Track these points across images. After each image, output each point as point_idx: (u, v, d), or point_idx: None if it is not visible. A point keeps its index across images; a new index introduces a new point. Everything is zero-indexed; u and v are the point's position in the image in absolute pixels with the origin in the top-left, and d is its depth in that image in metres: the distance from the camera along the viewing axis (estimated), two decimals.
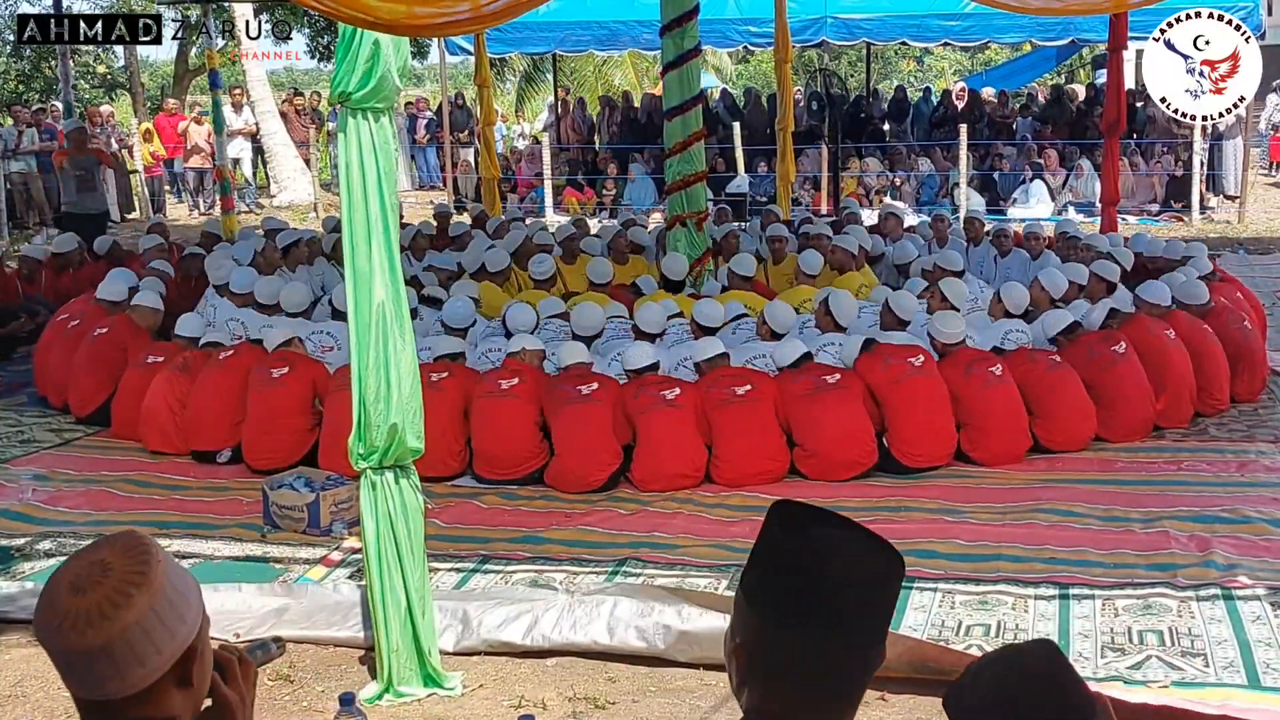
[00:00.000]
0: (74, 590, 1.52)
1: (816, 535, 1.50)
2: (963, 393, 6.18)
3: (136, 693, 1.52)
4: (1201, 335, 6.93)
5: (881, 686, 3.96)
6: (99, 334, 7.37)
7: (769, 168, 15.40)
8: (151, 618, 1.51)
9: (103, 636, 1.49)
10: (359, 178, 3.82)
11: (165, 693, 1.54)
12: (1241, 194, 15.49)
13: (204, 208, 17.48)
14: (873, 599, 1.51)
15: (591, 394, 6.04)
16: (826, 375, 6.12)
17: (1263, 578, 4.67)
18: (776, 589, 1.50)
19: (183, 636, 1.55)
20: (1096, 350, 6.54)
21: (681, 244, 8.63)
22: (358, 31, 3.73)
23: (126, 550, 1.55)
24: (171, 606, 1.54)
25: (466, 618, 4.39)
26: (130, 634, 1.50)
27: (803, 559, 1.49)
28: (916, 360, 6.19)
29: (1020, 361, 6.41)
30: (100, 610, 1.49)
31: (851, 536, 1.52)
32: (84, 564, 1.54)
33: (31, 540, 5.39)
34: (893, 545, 1.54)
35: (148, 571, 1.53)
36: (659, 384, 6.10)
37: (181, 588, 1.57)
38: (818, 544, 1.49)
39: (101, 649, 1.49)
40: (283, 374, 6.40)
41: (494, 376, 6.24)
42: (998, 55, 30.05)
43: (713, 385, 6.10)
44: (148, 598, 1.51)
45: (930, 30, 16.42)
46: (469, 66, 17.87)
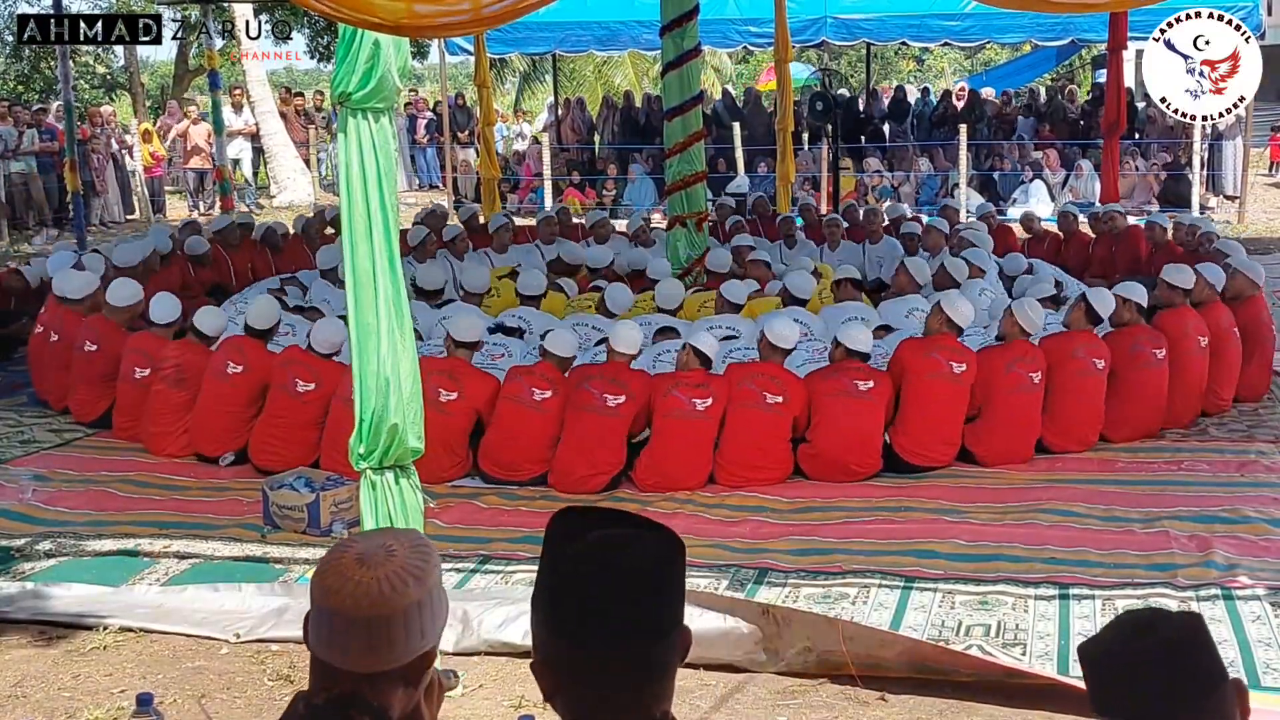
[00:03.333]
0: (360, 563, 1.63)
1: (591, 540, 1.52)
2: (994, 390, 6.11)
3: (373, 674, 1.62)
4: (1227, 337, 6.86)
5: (881, 686, 3.96)
6: (89, 350, 7.14)
7: (769, 168, 15.40)
8: (417, 610, 1.63)
9: (374, 610, 1.61)
10: (359, 178, 3.81)
11: (393, 685, 1.64)
12: (1241, 194, 15.49)
13: (204, 208, 17.48)
14: (658, 588, 1.51)
15: (617, 408, 5.89)
16: (860, 380, 5.99)
17: (1263, 578, 4.67)
18: (558, 601, 1.51)
19: (430, 639, 1.67)
20: (1141, 346, 6.47)
21: (681, 244, 8.63)
22: (358, 31, 3.73)
23: (413, 544, 1.69)
24: (433, 609, 1.67)
25: (466, 618, 4.38)
26: (395, 619, 1.61)
27: (581, 567, 1.51)
28: (959, 368, 6.08)
29: (1061, 356, 6.27)
30: (379, 588, 1.61)
31: (624, 533, 1.53)
32: (373, 544, 1.67)
33: (31, 540, 5.39)
34: (666, 528, 1.55)
35: (427, 566, 1.66)
36: (695, 388, 5.86)
37: (444, 599, 1.70)
38: (595, 553, 1.51)
39: (368, 622, 1.60)
40: (309, 390, 6.20)
41: (528, 382, 6.05)
42: (998, 55, 30.09)
43: (747, 381, 5.94)
44: (421, 591, 1.64)
45: (930, 30, 16.42)
46: (469, 66, 17.87)
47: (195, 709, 4.02)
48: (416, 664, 1.65)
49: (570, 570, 1.52)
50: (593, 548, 1.51)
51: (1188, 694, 1.59)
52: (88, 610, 4.66)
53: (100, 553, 5.26)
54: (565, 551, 1.53)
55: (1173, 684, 1.58)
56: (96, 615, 4.62)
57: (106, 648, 4.45)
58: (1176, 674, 1.59)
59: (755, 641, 4.10)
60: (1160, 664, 1.59)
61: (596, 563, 1.50)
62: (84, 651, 4.43)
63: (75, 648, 4.47)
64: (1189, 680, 1.60)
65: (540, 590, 1.55)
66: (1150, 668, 1.59)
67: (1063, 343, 6.42)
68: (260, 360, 6.48)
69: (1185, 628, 1.64)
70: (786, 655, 4.08)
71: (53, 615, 4.67)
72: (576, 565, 1.51)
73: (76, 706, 4.05)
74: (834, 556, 5.04)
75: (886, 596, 4.66)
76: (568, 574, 1.52)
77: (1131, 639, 1.63)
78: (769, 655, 4.10)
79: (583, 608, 1.49)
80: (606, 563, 1.50)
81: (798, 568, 4.94)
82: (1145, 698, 1.59)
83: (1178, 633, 1.63)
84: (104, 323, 7.28)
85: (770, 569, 4.93)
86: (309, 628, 1.68)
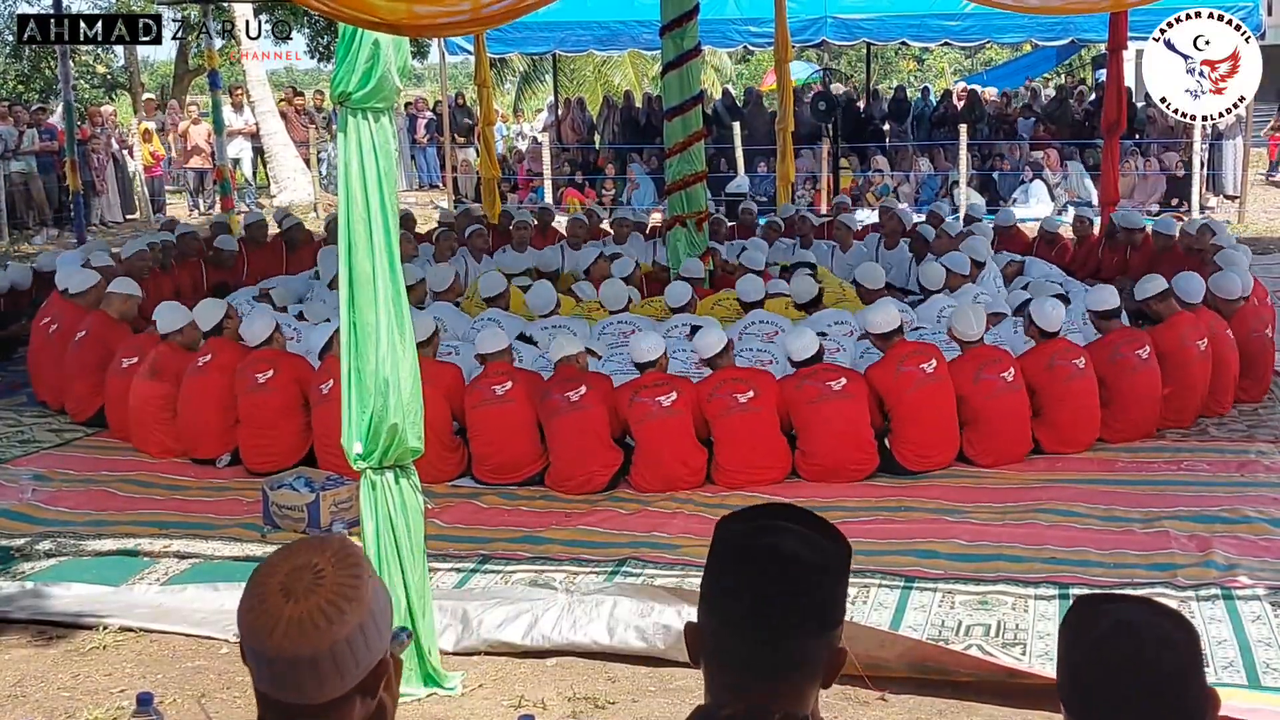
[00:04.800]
0: (285, 595, 1.49)
1: (760, 525, 1.56)
2: (970, 399, 6.12)
3: (325, 702, 1.51)
4: (1224, 342, 6.84)
5: (881, 686, 3.96)
6: (81, 337, 7.27)
7: (769, 168, 15.40)
8: (359, 634, 1.50)
9: (312, 648, 1.47)
10: (359, 178, 3.81)
11: (350, 704, 1.54)
12: (1241, 194, 15.48)
13: (204, 208, 17.48)
14: (808, 587, 1.53)
15: (580, 399, 5.92)
16: (832, 381, 6.00)
17: (1263, 578, 4.67)
18: (716, 575, 1.56)
19: (379, 651, 1.54)
20: (1121, 353, 6.46)
21: (681, 244, 8.63)
22: (358, 31, 3.73)
23: (339, 559, 1.53)
24: (376, 623, 1.53)
25: (466, 618, 4.39)
26: (338, 649, 1.48)
27: (740, 543, 1.55)
28: (929, 366, 6.08)
29: (1038, 369, 6.29)
30: (313, 621, 1.47)
31: (795, 526, 1.55)
32: (294, 566, 1.51)
33: (31, 540, 5.39)
34: (841, 534, 1.58)
35: (360, 585, 1.51)
36: (654, 388, 5.95)
37: (385, 602, 1.56)
38: (757, 533, 1.55)
39: (309, 659, 1.47)
40: (269, 378, 6.27)
41: (486, 383, 6.10)
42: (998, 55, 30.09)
43: (715, 392, 5.96)
44: (359, 613, 1.50)
45: (930, 30, 16.41)
46: (469, 66, 17.87)
47: (195, 709, 4.02)
48: (373, 676, 1.54)
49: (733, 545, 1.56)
50: (759, 527, 1.56)
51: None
52: (88, 610, 4.66)
53: (100, 553, 5.26)
54: (731, 528, 1.58)
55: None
56: (96, 615, 4.63)
57: (106, 648, 4.45)
58: (1162, 711, 1.54)
59: None
60: (1146, 702, 1.54)
61: (758, 539, 1.54)
62: (84, 651, 4.43)
63: (75, 648, 4.47)
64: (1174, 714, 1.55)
65: (708, 560, 1.59)
66: (1136, 709, 1.54)
67: (1037, 357, 6.38)
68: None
69: (1176, 661, 1.56)
70: None
71: (53, 615, 4.67)
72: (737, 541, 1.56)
73: (76, 706, 4.05)
74: None
75: (886, 596, 4.66)
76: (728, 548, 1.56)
77: (1120, 675, 1.56)
78: None
79: (736, 581, 1.53)
80: (766, 541, 1.54)
81: None
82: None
83: (1170, 666, 1.55)
84: (100, 315, 7.38)
85: None
86: (246, 660, 1.56)
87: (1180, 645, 1.56)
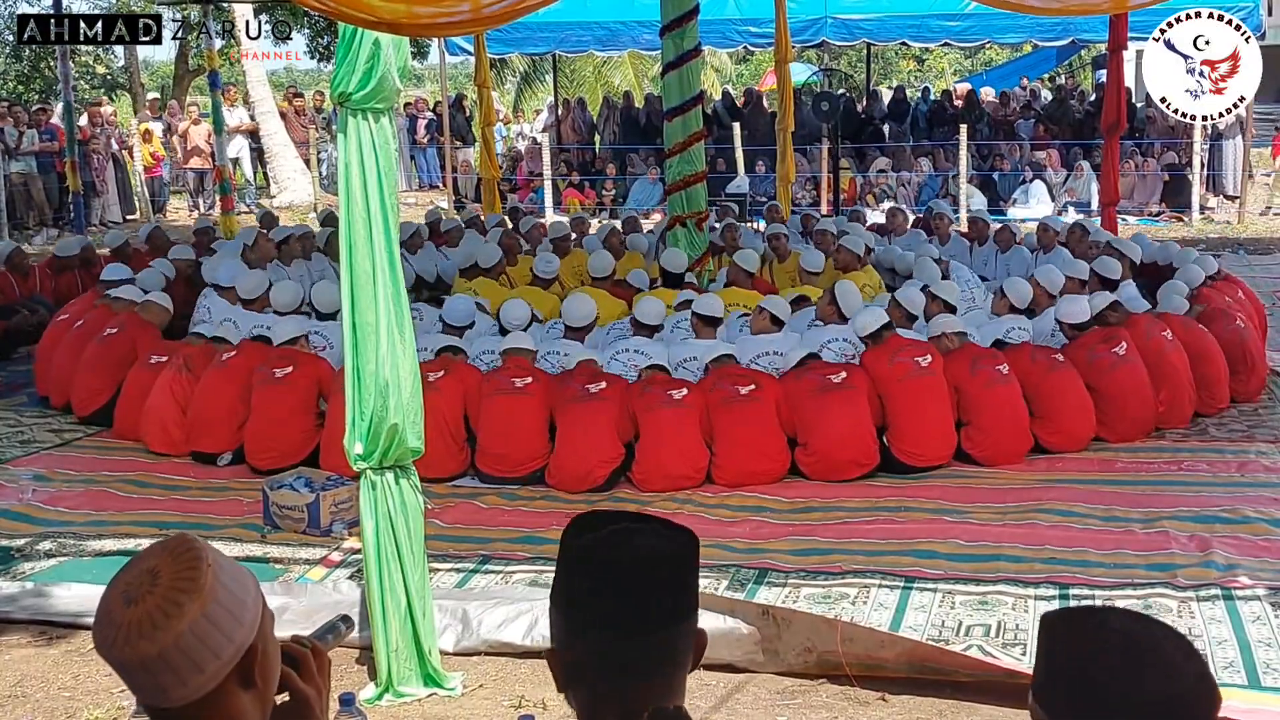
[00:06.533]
0: (126, 601, 1.50)
1: (607, 532, 1.56)
2: (967, 389, 6.17)
3: (200, 698, 1.51)
4: (1198, 335, 6.94)
5: (881, 686, 3.96)
6: (109, 334, 7.34)
7: (769, 168, 15.40)
8: (204, 623, 1.50)
9: (156, 646, 1.48)
10: (359, 178, 3.82)
11: (231, 695, 1.53)
12: (1241, 194, 15.48)
13: (204, 208, 17.48)
14: (669, 575, 1.54)
15: (599, 392, 6.05)
16: (832, 374, 6.10)
17: (1263, 578, 4.67)
18: (571, 587, 1.55)
19: (241, 638, 1.53)
20: (1097, 353, 6.52)
21: (681, 244, 8.63)
22: (358, 31, 3.73)
23: (175, 556, 1.53)
24: (225, 609, 1.52)
25: (466, 618, 4.39)
26: (184, 641, 1.48)
27: (595, 554, 1.54)
28: (924, 360, 6.16)
29: (1022, 362, 6.40)
30: (152, 620, 1.48)
31: (642, 527, 1.56)
32: (135, 573, 1.52)
33: (31, 540, 5.39)
34: (686, 529, 1.59)
35: (197, 577, 1.51)
36: (666, 384, 6.11)
37: (236, 588, 1.55)
38: (608, 539, 1.55)
39: (157, 658, 1.48)
40: (287, 373, 6.39)
41: (506, 374, 6.21)
42: (998, 55, 30.07)
43: (717, 384, 6.09)
44: (199, 604, 1.49)
45: (930, 30, 16.43)
46: (469, 66, 17.87)
47: None
48: (242, 665, 1.53)
49: (584, 556, 1.54)
50: (606, 535, 1.55)
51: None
52: (88, 610, 4.65)
53: (100, 553, 5.26)
54: (579, 541, 1.56)
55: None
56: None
57: None
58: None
59: (755, 642, 4.11)
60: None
61: (609, 546, 1.53)
62: (84, 651, 4.43)
63: (75, 648, 4.47)
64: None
65: (556, 580, 1.58)
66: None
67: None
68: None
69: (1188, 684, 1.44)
70: (786, 656, 4.09)
71: (53, 615, 4.67)
72: (590, 551, 1.54)
73: (76, 706, 4.06)
74: (834, 556, 5.04)
75: (886, 596, 4.66)
76: (581, 560, 1.54)
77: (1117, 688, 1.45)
78: (768, 655, 4.11)
79: (594, 592, 1.52)
80: (618, 546, 1.53)
81: (798, 568, 4.94)
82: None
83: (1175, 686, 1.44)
84: (133, 316, 7.44)
85: (770, 569, 4.93)
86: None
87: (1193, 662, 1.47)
